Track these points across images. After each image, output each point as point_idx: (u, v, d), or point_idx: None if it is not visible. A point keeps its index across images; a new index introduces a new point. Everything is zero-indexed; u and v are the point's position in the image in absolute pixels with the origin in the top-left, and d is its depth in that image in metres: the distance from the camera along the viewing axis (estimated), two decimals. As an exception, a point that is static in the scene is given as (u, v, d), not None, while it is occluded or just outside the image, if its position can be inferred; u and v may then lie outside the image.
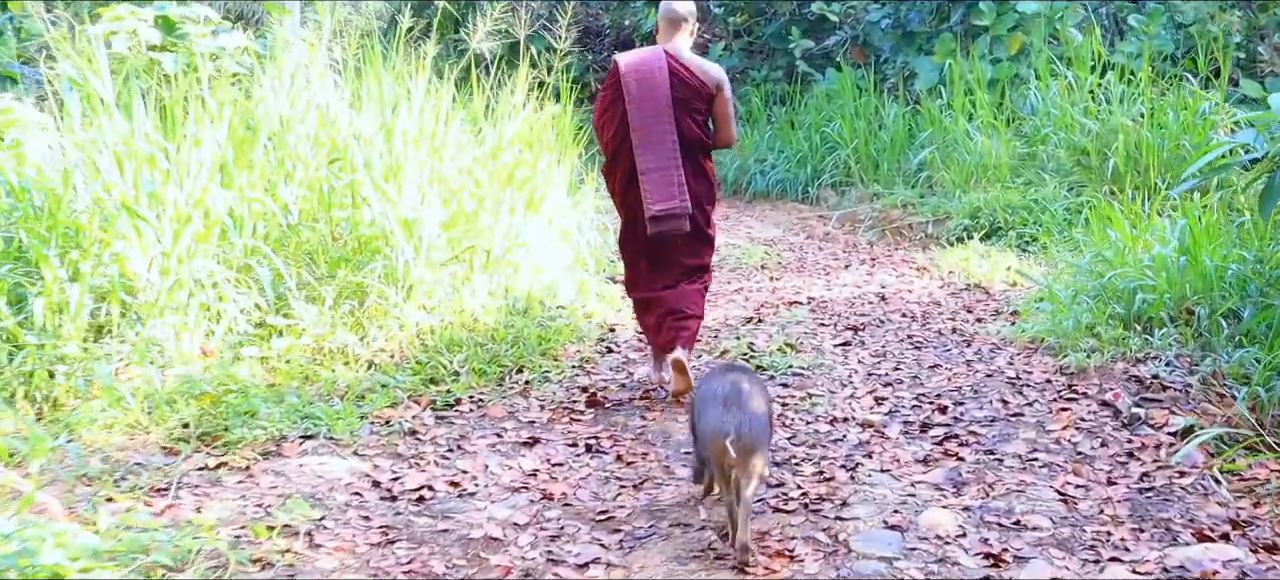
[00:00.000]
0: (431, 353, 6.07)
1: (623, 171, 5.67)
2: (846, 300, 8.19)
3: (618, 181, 5.75)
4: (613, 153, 5.70)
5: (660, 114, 5.51)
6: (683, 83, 5.58)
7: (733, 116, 5.80)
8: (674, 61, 5.60)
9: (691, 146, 5.62)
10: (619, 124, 5.60)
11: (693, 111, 5.62)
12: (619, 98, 5.59)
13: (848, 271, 9.38)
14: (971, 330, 7.08)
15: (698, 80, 5.62)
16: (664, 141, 5.51)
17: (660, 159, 5.50)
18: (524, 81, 8.20)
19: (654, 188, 5.51)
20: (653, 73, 5.55)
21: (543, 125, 8.41)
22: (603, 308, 7.63)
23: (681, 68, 5.60)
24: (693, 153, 5.63)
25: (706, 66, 5.69)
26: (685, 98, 5.58)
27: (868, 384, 5.94)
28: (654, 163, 5.50)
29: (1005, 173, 11.15)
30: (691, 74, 5.61)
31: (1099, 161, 10.82)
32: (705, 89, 5.63)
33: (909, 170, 12.54)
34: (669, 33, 5.73)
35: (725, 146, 5.93)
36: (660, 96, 5.51)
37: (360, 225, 6.55)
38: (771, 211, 13.31)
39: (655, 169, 5.50)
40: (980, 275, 8.74)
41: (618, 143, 5.63)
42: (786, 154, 14.33)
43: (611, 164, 5.76)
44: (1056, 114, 11.55)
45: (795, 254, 10.37)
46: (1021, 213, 10.32)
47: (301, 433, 5.04)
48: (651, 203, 5.51)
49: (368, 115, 7.11)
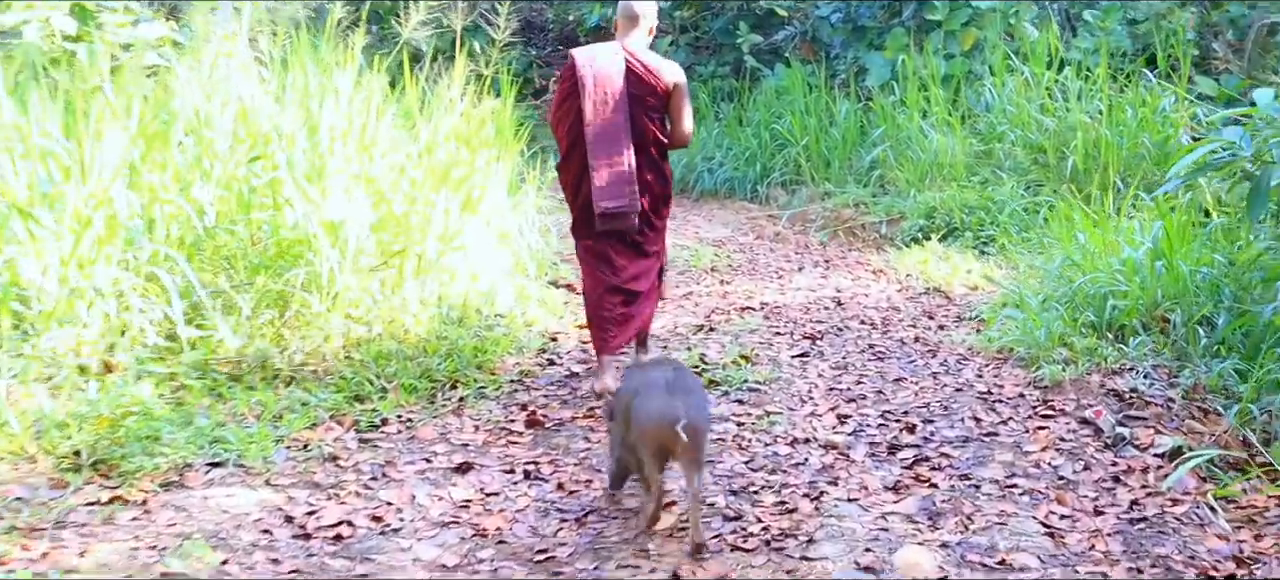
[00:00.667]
0: (358, 366, 5.57)
1: (575, 168, 5.58)
2: (802, 306, 7.76)
3: (571, 176, 5.64)
4: (567, 148, 5.61)
5: (615, 111, 5.43)
6: (639, 80, 5.49)
7: (689, 115, 5.70)
8: (631, 58, 5.51)
9: (647, 144, 5.54)
10: (574, 119, 5.51)
11: (649, 109, 5.53)
12: (574, 92, 5.50)
13: (801, 274, 8.96)
14: (935, 339, 6.68)
15: (654, 77, 5.52)
16: (618, 139, 5.44)
17: (613, 157, 5.43)
18: (460, 75, 7.70)
19: (605, 184, 5.43)
20: (609, 69, 5.46)
21: (481, 121, 7.92)
22: (544, 315, 7.16)
23: (638, 65, 5.50)
24: (648, 150, 5.55)
25: (664, 64, 5.59)
26: (641, 95, 5.49)
27: (829, 400, 5.51)
28: (607, 160, 5.42)
29: (961, 171, 10.80)
30: (648, 71, 5.51)
31: (1057, 160, 10.51)
32: (662, 87, 5.54)
33: (861, 168, 12.16)
34: (627, 29, 5.64)
35: (681, 146, 5.82)
36: (616, 93, 5.44)
37: (282, 228, 6.03)
38: (720, 211, 12.87)
39: (608, 167, 5.43)
40: (940, 278, 8.35)
41: (572, 138, 5.54)
42: (735, 151, 13.90)
43: (566, 159, 5.66)
44: (1013, 111, 11.22)
45: (746, 255, 9.94)
46: (978, 212, 9.96)
47: (209, 459, 4.54)
48: (601, 200, 5.43)
49: (292, 110, 6.59)
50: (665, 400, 3.78)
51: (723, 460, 4.70)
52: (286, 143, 6.27)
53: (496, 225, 7.55)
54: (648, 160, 5.56)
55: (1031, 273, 8.07)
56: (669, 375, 3.93)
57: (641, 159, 5.52)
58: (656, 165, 5.64)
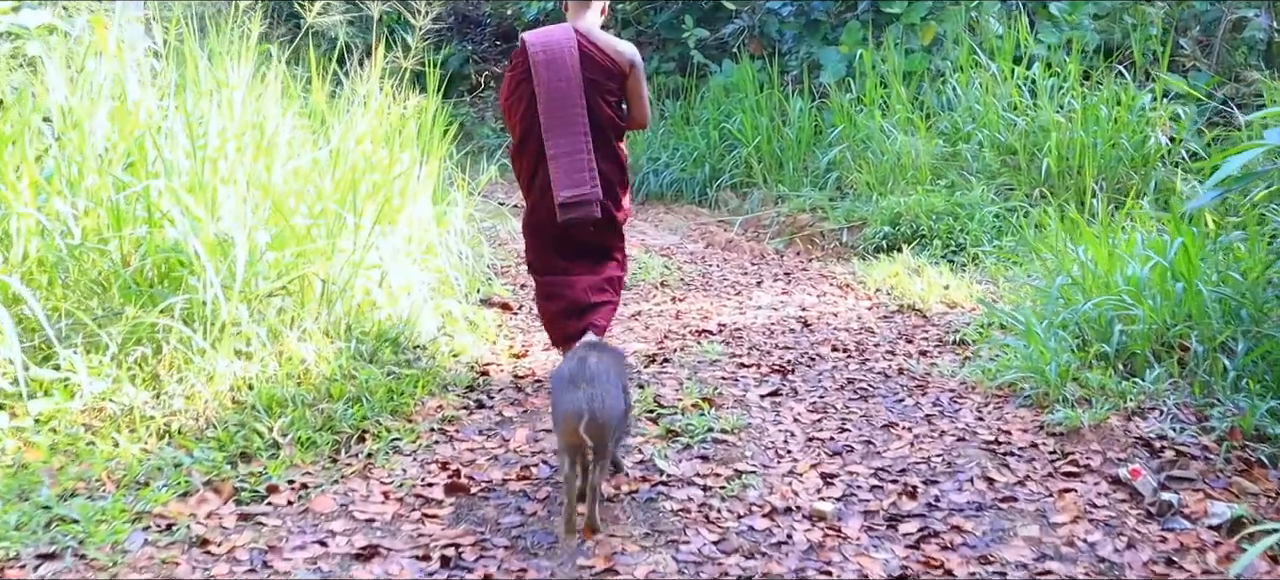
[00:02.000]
0: (247, 415, 4.59)
1: (531, 155, 5.34)
2: (765, 328, 6.86)
3: (525, 165, 5.39)
4: (521, 136, 5.36)
5: (570, 95, 5.19)
6: (594, 62, 5.26)
7: (646, 96, 5.48)
8: (584, 40, 5.27)
9: (603, 128, 5.31)
10: (527, 106, 5.26)
11: (604, 92, 5.30)
12: (526, 77, 5.25)
13: (761, 289, 8.05)
14: (921, 370, 5.80)
15: (609, 59, 5.30)
16: (574, 124, 5.20)
17: (570, 143, 5.19)
18: (378, 67, 6.72)
19: (563, 173, 5.18)
20: (562, 52, 5.21)
21: (402, 120, 6.95)
22: (474, 341, 6.22)
23: (592, 46, 5.27)
24: (604, 135, 5.32)
25: (618, 45, 5.35)
26: (597, 78, 5.26)
27: (810, 453, 4.59)
28: (564, 147, 5.19)
29: (926, 174, 9.97)
30: (603, 53, 5.29)
31: (1029, 162, 9.71)
32: (617, 69, 5.32)
33: (817, 170, 11.29)
34: (578, 10, 5.41)
35: (639, 128, 5.62)
36: (570, 77, 5.19)
37: (160, 247, 5.03)
38: (667, 215, 11.96)
39: (565, 154, 5.19)
40: (913, 294, 7.49)
41: (526, 125, 5.30)
42: (682, 152, 12.99)
43: (519, 148, 5.41)
44: (980, 110, 10.41)
45: (698, 267, 9.03)
46: (946, 219, 9.14)
47: (41, 550, 3.54)
48: (561, 189, 5.17)
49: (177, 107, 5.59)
50: (568, 394, 3.66)
51: (689, 540, 3.77)
52: (168, 145, 5.26)
53: (419, 238, 6.58)
54: (605, 146, 5.32)
55: (1018, 289, 7.25)
56: (573, 366, 3.81)
57: (599, 144, 5.27)
58: (614, 150, 5.40)
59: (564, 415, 3.64)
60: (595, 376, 3.74)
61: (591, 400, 3.62)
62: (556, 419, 3.75)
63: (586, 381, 3.70)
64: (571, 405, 3.62)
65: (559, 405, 3.72)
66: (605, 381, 3.76)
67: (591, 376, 3.74)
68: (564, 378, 3.78)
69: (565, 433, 3.65)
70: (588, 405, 3.60)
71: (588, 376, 3.73)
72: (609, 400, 3.70)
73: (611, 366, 3.92)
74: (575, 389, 3.67)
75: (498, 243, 9.10)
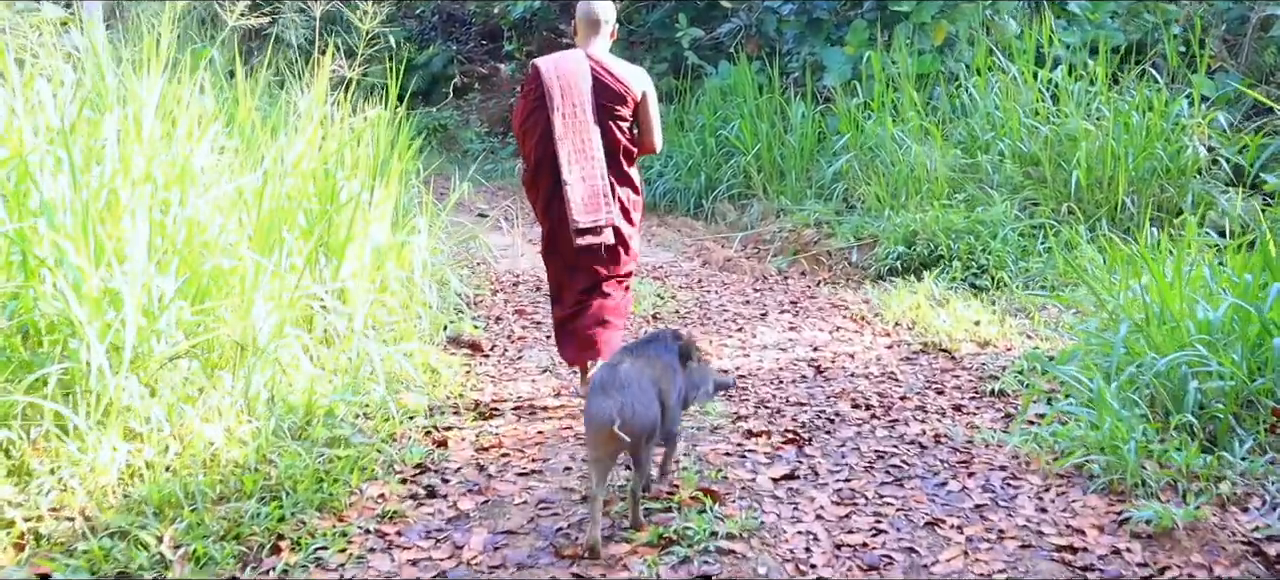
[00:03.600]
0: (134, 516, 3.60)
1: (546, 182, 5.19)
2: (772, 374, 5.87)
3: (541, 192, 5.24)
4: (535, 162, 5.21)
5: (585, 122, 5.11)
6: (607, 88, 5.15)
7: (658, 122, 5.37)
8: (597, 66, 5.17)
9: (616, 154, 5.23)
10: (542, 133, 5.13)
11: (618, 118, 5.20)
12: (541, 105, 5.13)
13: (766, 323, 7.05)
14: (961, 436, 4.80)
15: (623, 85, 5.18)
16: (589, 151, 5.12)
17: (586, 169, 5.11)
18: (324, 76, 5.73)
19: (580, 200, 5.10)
20: (576, 78, 5.12)
21: (358, 133, 5.96)
22: (437, 393, 5.23)
23: (605, 72, 5.16)
24: (617, 160, 5.24)
25: (631, 70, 5.25)
26: (610, 104, 5.16)
27: (840, 565, 3.58)
28: (579, 173, 5.10)
29: (942, 188, 8.98)
30: (616, 79, 5.17)
31: (1054, 174, 8.74)
32: (630, 94, 5.20)
33: (822, 181, 10.31)
34: (588, 34, 5.28)
35: (649, 153, 5.49)
36: (585, 104, 5.11)
37: (34, 303, 4.03)
38: (660, 228, 10.97)
39: (581, 180, 5.10)
40: (939, 330, 6.51)
41: (541, 152, 5.16)
42: (676, 160, 12.00)
43: (534, 174, 5.24)
44: (999, 116, 9.42)
45: (694, 293, 8.04)
46: (966, 238, 8.16)
47: None
48: (576, 214, 5.09)
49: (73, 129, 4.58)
50: (598, 401, 3.58)
51: None
52: (50, 174, 4.26)
53: (372, 274, 5.59)
54: (619, 172, 5.25)
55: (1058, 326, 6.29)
56: (605, 374, 3.72)
57: (613, 171, 5.20)
58: (628, 177, 5.32)
59: (594, 422, 3.55)
60: (627, 384, 3.65)
61: (622, 408, 3.53)
62: (585, 423, 3.69)
63: (617, 389, 3.61)
64: (601, 412, 3.53)
65: (589, 413, 3.62)
66: (637, 389, 3.66)
67: (623, 384, 3.64)
68: (596, 385, 3.67)
69: (595, 441, 3.57)
70: (618, 413, 3.51)
71: (619, 383, 3.64)
72: (640, 407, 3.61)
73: (645, 372, 3.79)
74: (606, 396, 3.58)
75: (474, 264, 8.11)
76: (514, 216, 11.49)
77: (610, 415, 3.52)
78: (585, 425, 3.71)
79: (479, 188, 13.67)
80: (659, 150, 5.58)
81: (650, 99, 5.27)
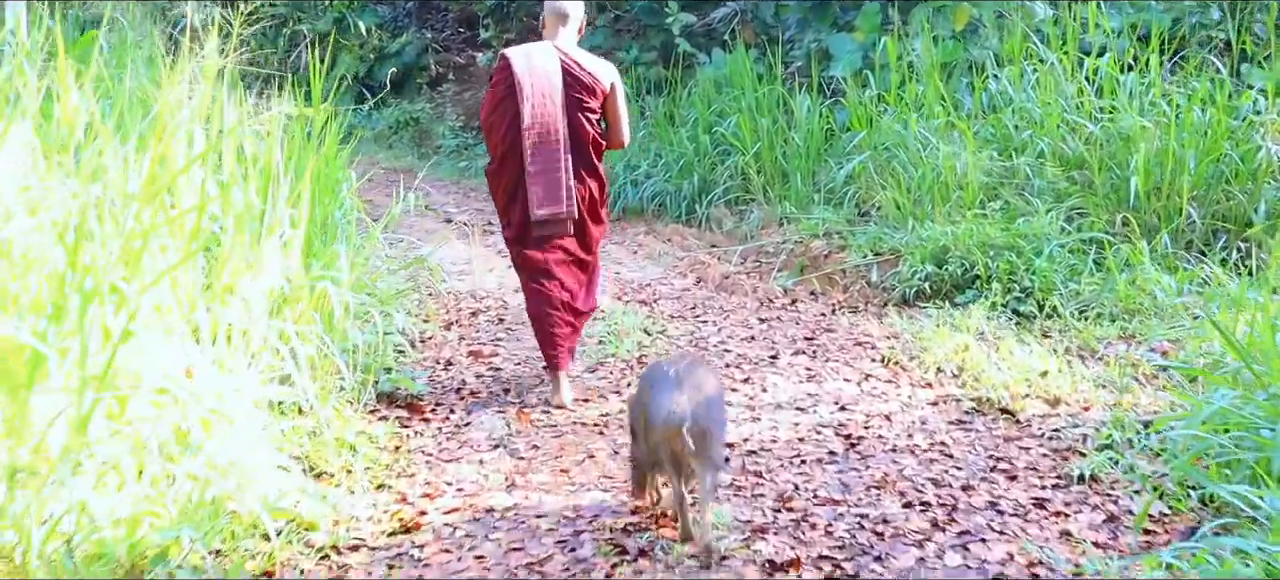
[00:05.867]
0: None
1: (511, 174, 5.12)
2: (791, 448, 4.45)
3: (505, 182, 5.16)
4: (501, 154, 5.12)
5: (553, 114, 5.05)
6: (577, 80, 5.09)
7: (626, 116, 5.32)
8: (566, 58, 5.10)
9: (584, 147, 5.14)
10: (510, 123, 5.06)
11: (586, 111, 5.13)
12: (510, 95, 5.05)
13: (776, 368, 5.60)
14: (1065, 563, 3.37)
15: (591, 77, 5.11)
16: (555, 143, 5.05)
17: (550, 161, 5.05)
18: (212, 64, 4.27)
19: (542, 190, 5.05)
20: (546, 70, 5.05)
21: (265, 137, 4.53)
22: (342, 497, 3.79)
23: (574, 64, 5.09)
24: (585, 152, 5.15)
25: (599, 64, 5.19)
26: (579, 96, 5.10)
27: None
28: (544, 165, 5.05)
29: (973, 195, 7.55)
30: (584, 71, 5.10)
31: (1105, 179, 7.33)
32: (599, 87, 5.13)
33: (832, 185, 8.85)
34: (557, 27, 5.22)
35: (617, 147, 5.45)
36: (554, 95, 5.05)
37: None
38: (647, 237, 9.52)
39: (543, 172, 5.05)
40: (994, 384, 5.09)
41: (508, 143, 5.08)
42: (665, 159, 10.51)
43: (499, 166, 5.17)
44: (1037, 112, 8.01)
45: (688, 323, 6.60)
46: (1006, 255, 6.74)
47: None
48: (537, 206, 5.05)
49: None
50: (670, 398, 3.36)
51: None
52: None
53: (270, 324, 4.14)
54: (586, 165, 5.18)
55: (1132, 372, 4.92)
56: (678, 371, 3.50)
57: (579, 164, 5.15)
58: (594, 169, 5.24)
59: (665, 420, 3.34)
60: (701, 385, 3.46)
61: (696, 409, 3.35)
62: (652, 423, 3.42)
63: (691, 388, 3.40)
64: (673, 410, 3.33)
65: (657, 409, 3.39)
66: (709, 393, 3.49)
67: (697, 384, 3.45)
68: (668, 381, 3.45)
69: (665, 438, 3.36)
70: (691, 414, 3.32)
71: (694, 384, 3.44)
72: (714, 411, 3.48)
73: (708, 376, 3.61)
74: (679, 394, 3.37)
75: (425, 291, 6.66)
76: (485, 220, 10.06)
77: (681, 414, 3.31)
78: (649, 423, 3.45)
79: (449, 187, 12.23)
80: (627, 144, 5.52)
81: (618, 91, 5.21)
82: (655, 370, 3.65)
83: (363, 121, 15.52)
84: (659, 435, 3.39)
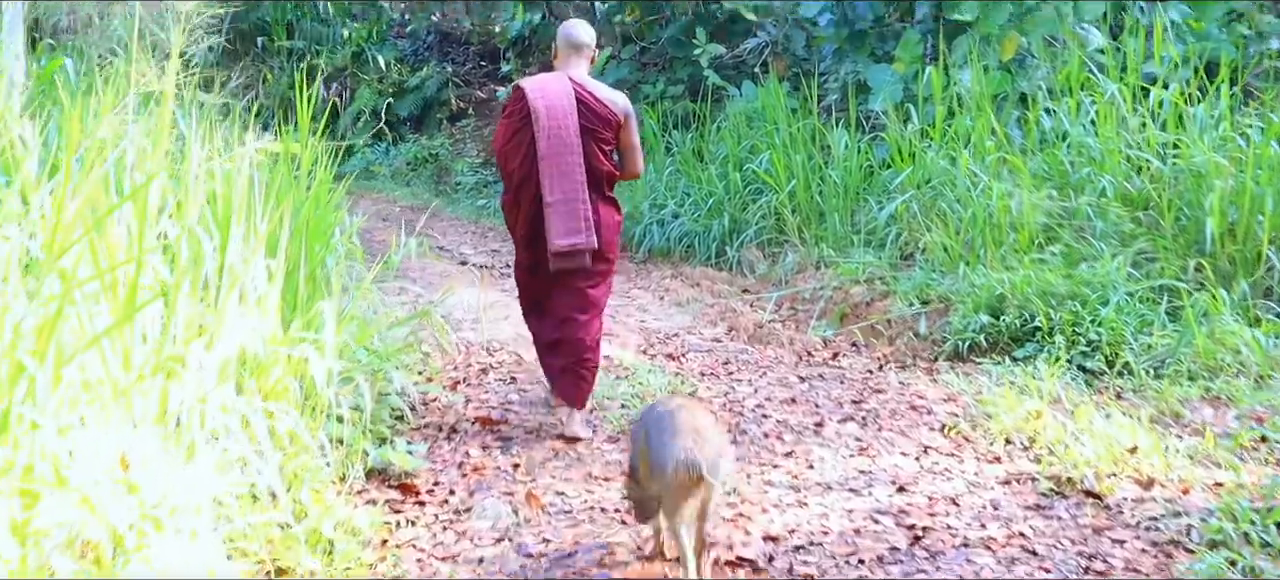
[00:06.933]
0: None
1: (528, 203, 5.00)
2: (844, 543, 3.75)
3: (522, 214, 5.04)
4: (517, 184, 5.02)
5: (569, 143, 4.93)
6: (590, 110, 4.99)
7: (639, 146, 5.20)
8: (580, 88, 5.01)
9: (598, 177, 5.04)
10: (526, 153, 4.96)
11: (600, 141, 5.03)
12: (526, 125, 4.96)
13: (822, 437, 4.88)
14: None
15: (605, 108, 5.02)
16: (572, 172, 4.94)
17: (568, 190, 4.93)
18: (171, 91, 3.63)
19: (560, 221, 4.92)
20: (561, 100, 4.95)
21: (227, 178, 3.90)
22: None
23: (588, 95, 5.00)
24: (599, 184, 5.05)
25: (613, 94, 5.10)
26: (593, 126, 5.00)
27: None
28: (561, 194, 4.92)
29: (1030, 237, 6.87)
30: (599, 101, 5.01)
31: (1174, 221, 6.64)
32: (613, 118, 5.04)
33: (872, 226, 8.16)
34: (569, 57, 5.15)
35: (632, 178, 5.40)
36: (569, 125, 4.94)
37: None
38: (674, 281, 8.85)
39: (562, 201, 4.92)
40: (1076, 460, 4.38)
41: (523, 173, 4.98)
42: (693, 197, 9.85)
43: (515, 196, 5.07)
44: (1096, 148, 7.31)
45: (720, 381, 5.91)
46: (1069, 305, 6.05)
47: None
48: (556, 237, 4.92)
49: None
50: (684, 444, 3.26)
51: None
52: None
53: (235, 398, 3.48)
54: (601, 195, 5.06)
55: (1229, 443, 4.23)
56: (686, 418, 3.38)
57: (594, 194, 5.00)
58: (609, 200, 5.13)
59: (680, 465, 3.22)
60: (709, 433, 3.37)
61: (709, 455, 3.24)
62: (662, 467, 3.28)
63: (703, 435, 3.32)
64: (688, 456, 3.22)
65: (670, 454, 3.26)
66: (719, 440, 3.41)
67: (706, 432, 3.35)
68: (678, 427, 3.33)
69: (678, 483, 3.23)
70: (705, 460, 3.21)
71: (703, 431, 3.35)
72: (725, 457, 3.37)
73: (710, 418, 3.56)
74: (693, 441, 3.27)
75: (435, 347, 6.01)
76: (503, 261, 9.42)
77: (695, 459, 3.22)
78: (658, 467, 3.31)
79: (467, 227, 11.61)
80: (641, 174, 5.46)
81: (632, 121, 5.12)
82: (653, 415, 3.53)
83: (381, 158, 14.98)
84: (672, 481, 3.26)
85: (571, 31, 5.18)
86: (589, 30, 5.23)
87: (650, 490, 3.42)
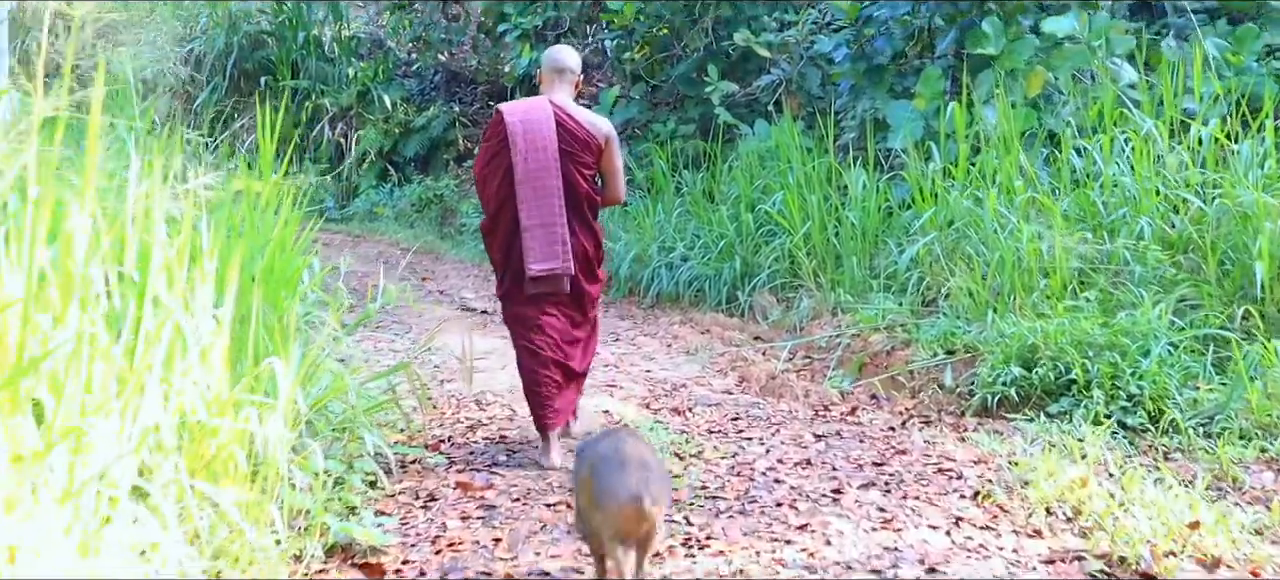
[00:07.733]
0: None
1: (505, 227, 5.00)
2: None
3: (500, 238, 5.04)
4: (495, 208, 5.04)
5: (547, 167, 4.92)
6: (571, 134, 4.98)
7: (621, 172, 5.20)
8: (561, 112, 4.99)
9: (579, 202, 5.03)
10: (503, 177, 4.97)
11: (581, 165, 5.01)
12: (503, 149, 4.96)
13: (840, 506, 4.32)
14: None
15: (586, 132, 5.02)
16: (550, 197, 4.93)
17: (545, 215, 4.91)
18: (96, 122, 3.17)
19: (537, 245, 4.91)
20: (540, 123, 4.94)
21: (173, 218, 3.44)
22: None
23: (568, 119, 4.99)
24: (580, 208, 5.05)
25: (594, 118, 5.10)
26: (573, 150, 4.98)
27: None
28: (538, 218, 4.90)
29: (1062, 282, 6.37)
30: (579, 125, 5.01)
31: (1218, 265, 6.14)
32: (594, 142, 5.03)
33: (892, 270, 7.66)
34: (553, 82, 5.13)
35: (614, 204, 5.38)
36: (548, 149, 4.92)
37: None
38: (684, 328, 8.36)
39: (540, 226, 4.90)
40: (1129, 535, 3.85)
41: (501, 197, 5.00)
42: (704, 240, 9.37)
43: (493, 220, 5.08)
44: (1132, 188, 6.82)
45: (728, 438, 5.40)
46: (1107, 355, 5.54)
47: None
48: (532, 262, 4.91)
49: None
50: (630, 478, 3.19)
51: None
52: None
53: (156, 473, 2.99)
54: (580, 220, 5.05)
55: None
56: (626, 450, 3.31)
57: (574, 219, 5.00)
58: (589, 225, 5.11)
59: (626, 499, 3.15)
60: (651, 464, 3.30)
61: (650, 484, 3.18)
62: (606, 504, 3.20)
63: (637, 465, 3.24)
64: (634, 489, 3.16)
65: (615, 488, 3.18)
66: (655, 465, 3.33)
67: (647, 463, 3.28)
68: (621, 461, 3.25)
69: (625, 517, 3.16)
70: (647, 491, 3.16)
71: (645, 463, 3.27)
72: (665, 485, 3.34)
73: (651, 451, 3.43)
74: (627, 472, 3.20)
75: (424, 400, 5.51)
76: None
77: (639, 492, 3.14)
78: (606, 503, 3.19)
79: (470, 270, 11.16)
80: (623, 200, 5.49)
81: (614, 146, 5.09)
82: (592, 451, 3.44)
83: (385, 199, 14.60)
84: (617, 515, 3.19)
85: (556, 56, 5.18)
86: (574, 55, 5.23)
87: (592, 522, 3.31)
